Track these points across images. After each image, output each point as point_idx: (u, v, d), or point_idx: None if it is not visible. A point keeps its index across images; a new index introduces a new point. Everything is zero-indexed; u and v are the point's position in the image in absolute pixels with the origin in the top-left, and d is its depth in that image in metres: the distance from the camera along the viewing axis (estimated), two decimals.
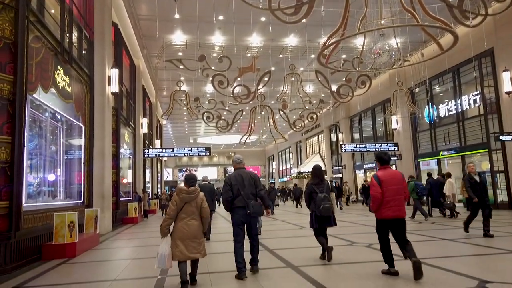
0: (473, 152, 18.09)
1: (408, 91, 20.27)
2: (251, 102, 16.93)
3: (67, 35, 9.73)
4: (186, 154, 21.59)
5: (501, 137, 15.07)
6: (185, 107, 18.49)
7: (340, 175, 31.48)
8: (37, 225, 7.53)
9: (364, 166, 28.27)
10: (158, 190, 31.13)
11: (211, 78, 14.95)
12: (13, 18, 6.82)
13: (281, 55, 20.28)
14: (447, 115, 19.87)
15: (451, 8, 9.10)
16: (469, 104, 18.24)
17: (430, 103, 21.10)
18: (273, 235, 10.26)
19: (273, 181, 50.03)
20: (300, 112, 19.69)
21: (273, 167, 57.14)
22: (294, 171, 42.69)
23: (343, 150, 22.82)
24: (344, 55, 18.31)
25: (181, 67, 16.56)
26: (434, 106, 20.88)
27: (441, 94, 20.81)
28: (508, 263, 5.92)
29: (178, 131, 42.49)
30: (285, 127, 27.63)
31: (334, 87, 17.58)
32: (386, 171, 5.23)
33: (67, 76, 9.52)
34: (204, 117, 17.73)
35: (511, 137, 15.01)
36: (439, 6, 11.45)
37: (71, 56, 9.80)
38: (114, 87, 12.86)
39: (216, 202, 22.24)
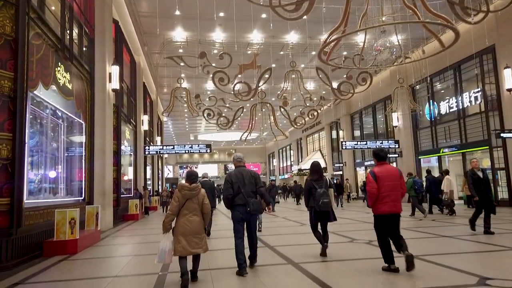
0: (474, 149, 18.08)
1: (409, 88, 20.24)
2: (251, 99, 16.93)
3: (68, 32, 9.72)
4: (186, 151, 21.60)
5: (502, 134, 15.05)
6: (185, 104, 18.52)
7: (340, 172, 31.50)
8: (38, 221, 7.55)
9: (364, 163, 28.27)
10: (159, 187, 31.17)
11: (211, 75, 14.95)
12: (13, 15, 6.81)
13: (281, 52, 20.24)
14: (448, 112, 19.83)
15: (452, 4, 9.07)
16: (470, 101, 18.20)
17: (431, 100, 21.06)
18: (274, 232, 10.28)
19: (274, 178, 50.13)
20: (300, 109, 19.70)
21: (274, 164, 57.17)
22: (295, 168, 42.74)
23: (343, 147, 22.84)
24: (345, 52, 18.27)
25: (182, 64, 16.60)
26: (435, 103, 20.84)
27: (442, 91, 20.77)
28: (509, 260, 5.93)
29: (179, 128, 42.50)
30: (285, 124, 27.69)
31: (335, 84, 17.59)
32: (382, 168, 5.31)
33: (68, 73, 9.52)
34: (205, 114, 17.75)
35: None
36: (441, 3, 11.44)
37: (72, 53, 9.80)
38: (115, 84, 12.85)
39: (217, 199, 22.33)
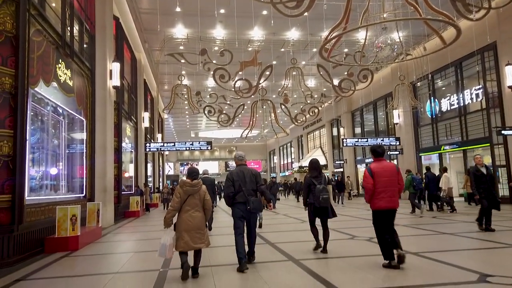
0: (475, 147, 18.05)
1: (410, 85, 20.19)
2: (252, 96, 16.92)
3: (68, 28, 9.71)
4: (187, 148, 21.60)
5: (503, 132, 15.03)
6: (186, 101, 18.49)
7: (341, 170, 31.49)
8: (39, 218, 7.57)
9: (365, 161, 28.25)
10: (160, 184, 31.20)
11: (212, 72, 14.93)
12: (14, 12, 6.80)
13: (282, 49, 20.20)
14: (449, 109, 19.79)
15: (454, 1, 9.04)
16: (471, 98, 18.16)
17: (432, 97, 21.01)
18: (275, 228, 10.30)
19: (274, 175, 50.15)
20: (301, 106, 19.68)
21: (275, 161, 57.17)
22: (296, 165, 42.75)
23: (344, 145, 22.81)
24: (346, 49, 18.22)
25: (183, 61, 16.55)
26: (436, 100, 20.80)
27: (443, 88, 20.72)
28: (509, 257, 5.93)
29: (180, 125, 42.51)
30: (286, 121, 27.65)
31: (336, 81, 17.55)
32: (379, 163, 5.37)
33: (69, 70, 9.51)
34: (206, 111, 17.73)
35: None
36: (442, 0, 11.38)
37: (73, 50, 9.79)
38: (116, 81, 12.84)
39: (218, 196, 22.36)
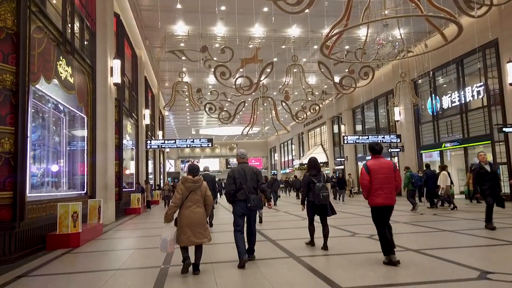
0: (476, 144, 18.03)
1: (411, 82, 20.13)
2: (253, 93, 16.91)
3: (69, 25, 9.69)
4: (188, 146, 21.59)
5: (504, 129, 14.99)
6: (187, 98, 18.50)
7: (342, 167, 31.50)
8: (41, 215, 7.59)
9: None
10: (161, 181, 31.24)
11: (213, 69, 14.92)
12: (14, 8, 6.79)
13: (283, 46, 20.17)
14: (450, 106, 19.75)
15: None
16: (472, 96, 18.11)
17: (433, 95, 20.97)
18: (275, 225, 10.32)
19: (275, 173, 50.19)
20: (302, 104, 19.65)
21: (275, 158, 57.17)
22: (296, 162, 42.77)
23: (345, 142, 22.81)
24: (347, 46, 18.18)
25: (183, 58, 16.54)
26: (437, 97, 20.76)
27: (445, 85, 20.68)
28: (510, 254, 5.94)
29: (180, 122, 42.51)
30: (287, 119, 27.67)
31: (337, 79, 17.53)
32: (376, 161, 5.43)
33: (70, 67, 9.51)
34: (206, 109, 17.74)
35: None
36: None
37: (73, 47, 9.77)
38: (116, 78, 12.83)
39: (218, 193, 22.36)
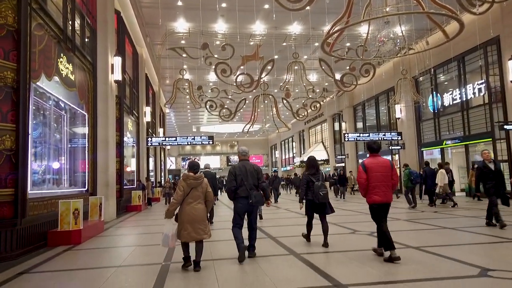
0: (477, 141, 18.00)
1: (412, 79, 20.07)
2: (254, 90, 16.87)
3: (70, 22, 9.69)
4: (189, 143, 21.63)
5: (505, 126, 14.97)
6: (188, 96, 18.46)
7: (343, 164, 31.50)
8: (42, 212, 7.61)
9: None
10: (162, 178, 31.28)
11: (214, 67, 14.89)
12: (15, 5, 6.78)
13: (284, 43, 20.12)
14: (451, 104, 19.71)
15: None
16: (473, 93, 18.06)
17: (434, 92, 20.93)
18: (276, 223, 10.33)
19: (276, 170, 50.20)
20: (303, 101, 19.61)
21: (276, 156, 57.17)
22: (297, 160, 42.76)
23: (346, 139, 22.80)
24: (348, 43, 18.12)
25: (184, 55, 16.49)
26: (438, 95, 20.72)
27: (446, 82, 20.63)
28: (510, 252, 5.94)
29: (181, 119, 42.50)
30: (288, 116, 27.57)
31: (338, 76, 17.47)
32: (373, 159, 5.57)
33: (70, 64, 9.50)
34: (207, 106, 17.70)
35: None
36: None
37: (74, 44, 9.77)
38: (117, 75, 12.83)
39: (219, 191, 22.38)
